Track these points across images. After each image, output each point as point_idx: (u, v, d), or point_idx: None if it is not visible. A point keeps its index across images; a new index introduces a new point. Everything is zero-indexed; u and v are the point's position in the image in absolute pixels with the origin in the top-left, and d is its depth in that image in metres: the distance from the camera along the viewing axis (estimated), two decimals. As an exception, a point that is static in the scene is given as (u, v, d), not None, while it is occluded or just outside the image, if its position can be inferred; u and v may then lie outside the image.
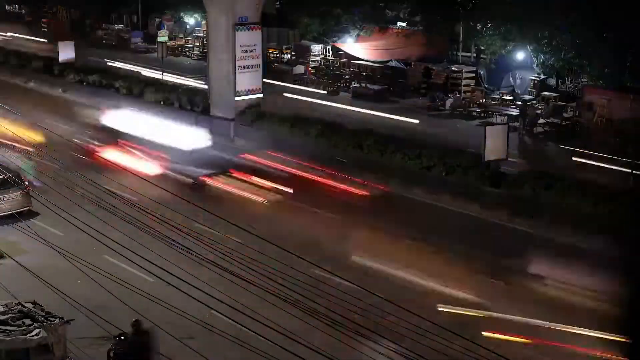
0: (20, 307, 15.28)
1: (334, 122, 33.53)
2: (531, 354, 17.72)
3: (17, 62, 50.53)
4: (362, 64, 46.32)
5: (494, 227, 25.12)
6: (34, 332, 14.52)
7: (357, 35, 50.39)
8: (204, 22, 55.07)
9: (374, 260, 22.35)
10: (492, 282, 21.19)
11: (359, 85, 44.29)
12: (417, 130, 35.32)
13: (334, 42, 50.62)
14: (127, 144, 32.01)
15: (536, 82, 40.65)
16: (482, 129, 28.31)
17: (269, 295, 14.08)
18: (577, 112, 36.88)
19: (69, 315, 15.36)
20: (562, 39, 38.57)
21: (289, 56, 51.54)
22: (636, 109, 34.24)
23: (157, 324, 15.49)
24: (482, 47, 45.17)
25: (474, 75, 42.72)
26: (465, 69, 43.19)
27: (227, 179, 29.19)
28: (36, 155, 26.61)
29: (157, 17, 62.97)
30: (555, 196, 25.01)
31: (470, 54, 47.60)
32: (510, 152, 28.59)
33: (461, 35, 46.06)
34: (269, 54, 50.33)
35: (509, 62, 42.70)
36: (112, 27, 63.88)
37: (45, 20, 69.32)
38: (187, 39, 59.65)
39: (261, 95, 36.33)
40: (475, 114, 38.85)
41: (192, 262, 15.55)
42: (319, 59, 49.84)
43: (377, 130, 32.36)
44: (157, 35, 50.75)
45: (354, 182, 28.19)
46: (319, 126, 32.70)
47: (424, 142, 31.04)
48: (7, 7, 79.47)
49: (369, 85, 43.97)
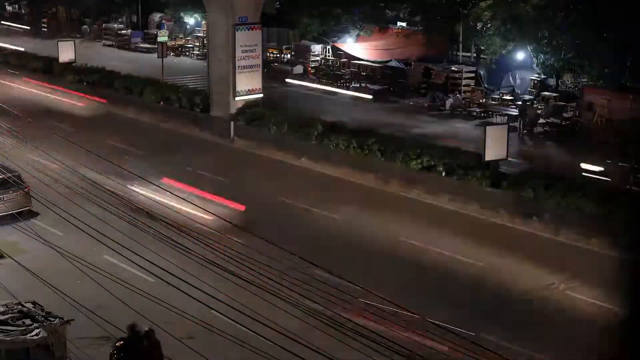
0: (20, 307, 15.27)
1: (334, 122, 33.46)
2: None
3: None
4: (362, 64, 46.30)
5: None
6: (34, 332, 14.51)
7: (357, 35, 50.38)
8: (204, 22, 55.09)
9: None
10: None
11: (359, 85, 44.27)
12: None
13: (334, 42, 50.61)
14: None
15: (536, 82, 40.62)
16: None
17: (268, 295, 14.08)
18: (577, 112, 36.88)
19: (69, 315, 15.36)
20: (562, 39, 38.55)
21: (289, 56, 51.53)
22: (636, 109, 34.24)
23: (157, 324, 15.48)
24: (482, 47, 45.16)
25: (474, 75, 42.70)
26: (465, 69, 43.17)
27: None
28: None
29: (156, 15, 62.90)
30: (555, 196, 24.97)
31: (470, 54, 47.59)
32: (510, 152, 28.57)
33: (461, 35, 46.05)
34: (269, 54, 50.36)
35: (509, 62, 42.67)
36: (112, 26, 63.86)
37: (45, 20, 69.39)
38: (187, 39, 59.64)
39: (261, 95, 36.30)
40: (475, 114, 38.84)
41: (192, 262, 15.54)
42: (319, 59, 49.84)
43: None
44: (157, 35, 50.80)
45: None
46: (320, 126, 32.62)
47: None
48: (7, 7, 79.41)
49: (369, 85, 43.95)
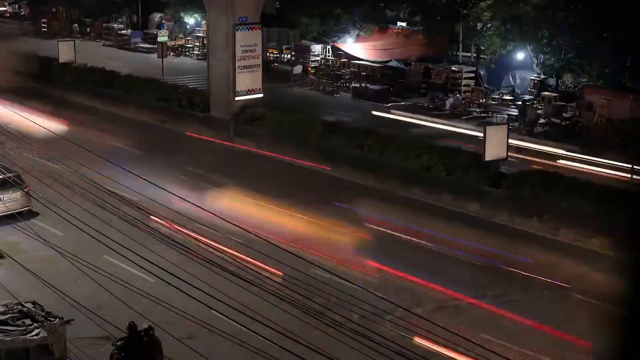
0: (20, 307, 15.27)
1: (334, 122, 33.46)
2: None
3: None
4: (362, 64, 46.28)
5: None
6: (34, 332, 14.51)
7: (357, 35, 50.37)
8: (204, 22, 55.07)
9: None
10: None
11: (359, 85, 44.27)
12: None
13: (334, 42, 50.60)
14: None
15: (536, 82, 40.63)
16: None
17: (268, 294, 14.08)
18: (577, 112, 36.89)
19: (69, 315, 15.36)
20: (562, 39, 38.54)
21: (289, 56, 51.53)
22: (636, 109, 34.23)
23: (157, 324, 15.48)
24: (482, 47, 45.15)
25: (474, 75, 42.70)
26: (465, 69, 43.16)
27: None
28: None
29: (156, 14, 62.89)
30: (555, 196, 24.97)
31: (470, 54, 47.59)
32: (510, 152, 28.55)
33: (461, 35, 46.04)
34: (269, 54, 50.35)
35: (509, 62, 42.66)
36: (112, 26, 63.87)
37: (45, 19, 69.47)
38: (187, 39, 59.63)
39: (261, 95, 36.30)
40: (475, 114, 38.84)
41: (193, 262, 15.53)
42: (319, 59, 49.84)
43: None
44: (157, 35, 50.80)
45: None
46: (319, 126, 32.62)
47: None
48: (7, 7, 79.45)
49: (369, 85, 43.95)
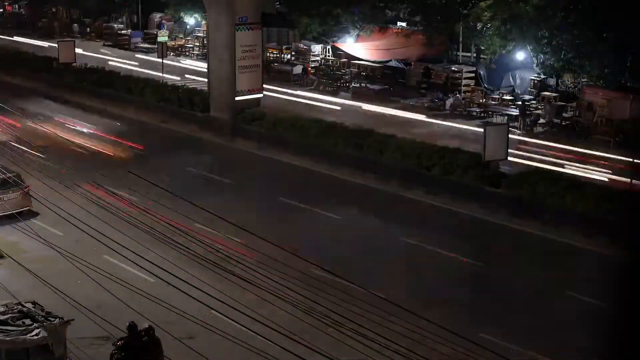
0: (20, 307, 15.28)
1: (334, 122, 33.46)
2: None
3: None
4: (362, 64, 46.27)
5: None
6: (34, 332, 14.51)
7: (357, 35, 50.33)
8: (204, 22, 55.06)
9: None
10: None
11: (359, 85, 44.27)
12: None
13: (334, 42, 50.59)
14: None
15: (536, 82, 40.62)
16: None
17: (268, 294, 14.08)
18: (577, 112, 36.89)
19: (69, 315, 15.36)
20: (562, 39, 38.50)
21: (289, 56, 51.52)
22: (636, 109, 34.25)
23: (157, 324, 15.49)
24: (482, 47, 45.13)
25: (474, 75, 42.69)
26: (465, 69, 43.15)
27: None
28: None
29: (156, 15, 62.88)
30: (555, 196, 24.98)
31: (470, 54, 47.56)
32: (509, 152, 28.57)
33: (461, 35, 46.01)
34: (269, 54, 50.33)
35: (509, 62, 42.62)
36: (112, 26, 63.86)
37: (45, 20, 69.61)
38: (187, 39, 59.61)
39: (261, 95, 36.30)
40: (475, 114, 38.83)
41: (192, 262, 15.54)
42: (319, 59, 49.82)
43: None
44: (157, 35, 50.78)
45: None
46: (319, 126, 32.64)
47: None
48: (7, 7, 79.44)
49: (369, 85, 43.95)
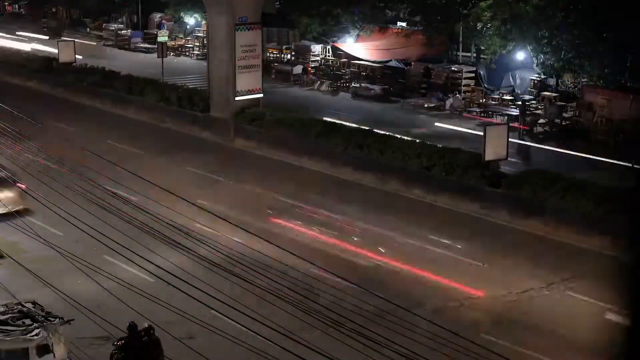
0: (20, 307, 15.26)
1: (334, 122, 33.45)
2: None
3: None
4: (362, 64, 46.27)
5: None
6: (34, 332, 14.51)
7: (357, 35, 50.35)
8: (204, 22, 55.06)
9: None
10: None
11: (359, 85, 44.27)
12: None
13: (334, 42, 50.59)
14: None
15: (536, 82, 40.63)
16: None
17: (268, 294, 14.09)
18: (577, 112, 36.90)
19: (69, 315, 15.36)
20: (562, 39, 38.52)
21: (289, 56, 51.52)
22: (636, 109, 34.24)
23: (157, 324, 15.49)
24: (482, 47, 45.13)
25: (474, 75, 42.70)
26: (465, 69, 43.16)
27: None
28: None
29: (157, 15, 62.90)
30: (555, 196, 24.97)
31: (470, 54, 47.57)
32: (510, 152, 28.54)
33: (461, 35, 46.01)
34: (269, 54, 50.33)
35: (509, 62, 42.64)
36: (112, 26, 63.88)
37: (45, 20, 69.72)
38: (187, 39, 59.62)
39: (261, 95, 36.30)
40: (475, 114, 38.82)
41: (193, 262, 15.55)
42: (319, 59, 49.82)
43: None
44: (157, 35, 50.75)
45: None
46: (319, 126, 32.61)
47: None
48: (7, 8, 79.57)
49: (369, 85, 43.95)
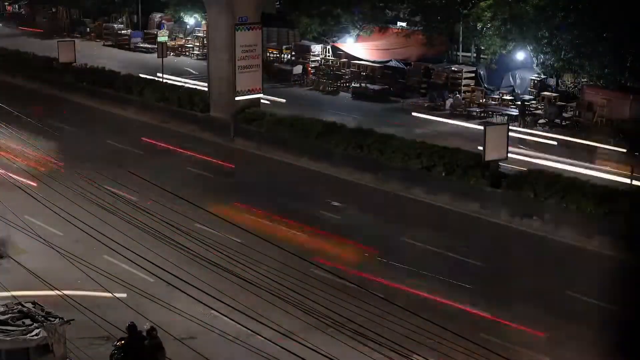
0: (20, 307, 15.27)
1: (334, 122, 33.42)
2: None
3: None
4: (362, 64, 46.26)
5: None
6: (34, 332, 14.51)
7: (357, 35, 50.35)
8: (204, 22, 55.05)
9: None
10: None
11: (359, 85, 44.27)
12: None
13: (334, 42, 50.58)
14: None
15: (536, 82, 40.62)
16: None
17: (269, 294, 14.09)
18: (577, 112, 36.90)
19: (69, 315, 15.36)
20: (562, 39, 38.52)
21: (289, 56, 51.51)
22: (636, 109, 34.28)
23: (157, 324, 15.50)
24: (482, 47, 45.12)
25: (474, 75, 42.69)
26: (465, 69, 43.14)
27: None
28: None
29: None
30: (555, 196, 24.96)
31: (470, 54, 47.57)
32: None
33: (461, 35, 46.00)
34: (269, 54, 50.30)
35: (509, 62, 42.63)
36: (112, 26, 63.88)
37: (45, 20, 69.85)
38: (187, 39, 59.61)
39: (261, 95, 36.30)
40: (475, 114, 38.82)
41: (193, 262, 15.55)
42: (319, 59, 49.82)
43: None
44: (157, 35, 50.76)
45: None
46: (319, 126, 32.59)
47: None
48: (7, 7, 79.59)
49: (369, 85, 43.94)
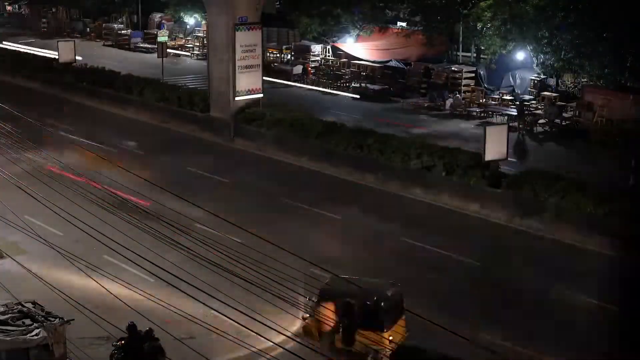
0: (20, 307, 15.26)
1: (334, 122, 33.43)
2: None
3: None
4: (362, 64, 46.27)
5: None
6: (34, 332, 14.50)
7: (357, 35, 50.35)
8: (204, 22, 55.06)
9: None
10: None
11: (359, 85, 44.26)
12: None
13: (334, 42, 50.58)
14: None
15: (536, 82, 40.62)
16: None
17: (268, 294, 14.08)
18: (577, 112, 36.90)
19: (69, 315, 15.36)
20: (562, 39, 38.52)
21: (289, 56, 51.51)
22: (636, 109, 34.27)
23: (157, 324, 15.49)
24: (482, 47, 45.12)
25: (474, 75, 42.68)
26: (465, 69, 43.15)
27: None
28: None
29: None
30: (555, 196, 24.95)
31: (470, 54, 47.56)
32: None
33: (461, 35, 46.00)
34: (269, 54, 50.30)
35: (509, 62, 42.63)
36: (112, 26, 63.89)
37: (45, 20, 69.76)
38: (187, 39, 59.63)
39: (261, 95, 36.31)
40: (475, 114, 38.82)
41: (192, 262, 15.53)
42: (319, 59, 49.82)
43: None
44: (157, 35, 50.74)
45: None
46: (319, 126, 32.59)
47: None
48: (7, 7, 79.59)
49: (369, 85, 43.94)
